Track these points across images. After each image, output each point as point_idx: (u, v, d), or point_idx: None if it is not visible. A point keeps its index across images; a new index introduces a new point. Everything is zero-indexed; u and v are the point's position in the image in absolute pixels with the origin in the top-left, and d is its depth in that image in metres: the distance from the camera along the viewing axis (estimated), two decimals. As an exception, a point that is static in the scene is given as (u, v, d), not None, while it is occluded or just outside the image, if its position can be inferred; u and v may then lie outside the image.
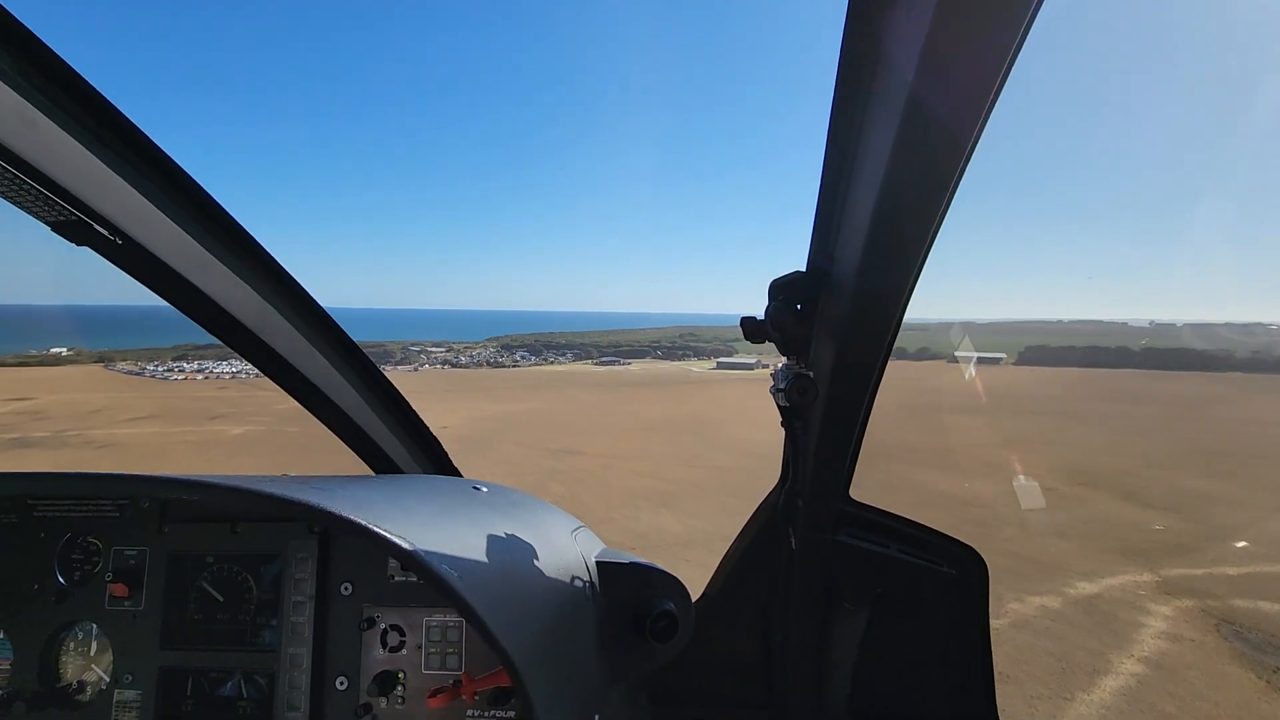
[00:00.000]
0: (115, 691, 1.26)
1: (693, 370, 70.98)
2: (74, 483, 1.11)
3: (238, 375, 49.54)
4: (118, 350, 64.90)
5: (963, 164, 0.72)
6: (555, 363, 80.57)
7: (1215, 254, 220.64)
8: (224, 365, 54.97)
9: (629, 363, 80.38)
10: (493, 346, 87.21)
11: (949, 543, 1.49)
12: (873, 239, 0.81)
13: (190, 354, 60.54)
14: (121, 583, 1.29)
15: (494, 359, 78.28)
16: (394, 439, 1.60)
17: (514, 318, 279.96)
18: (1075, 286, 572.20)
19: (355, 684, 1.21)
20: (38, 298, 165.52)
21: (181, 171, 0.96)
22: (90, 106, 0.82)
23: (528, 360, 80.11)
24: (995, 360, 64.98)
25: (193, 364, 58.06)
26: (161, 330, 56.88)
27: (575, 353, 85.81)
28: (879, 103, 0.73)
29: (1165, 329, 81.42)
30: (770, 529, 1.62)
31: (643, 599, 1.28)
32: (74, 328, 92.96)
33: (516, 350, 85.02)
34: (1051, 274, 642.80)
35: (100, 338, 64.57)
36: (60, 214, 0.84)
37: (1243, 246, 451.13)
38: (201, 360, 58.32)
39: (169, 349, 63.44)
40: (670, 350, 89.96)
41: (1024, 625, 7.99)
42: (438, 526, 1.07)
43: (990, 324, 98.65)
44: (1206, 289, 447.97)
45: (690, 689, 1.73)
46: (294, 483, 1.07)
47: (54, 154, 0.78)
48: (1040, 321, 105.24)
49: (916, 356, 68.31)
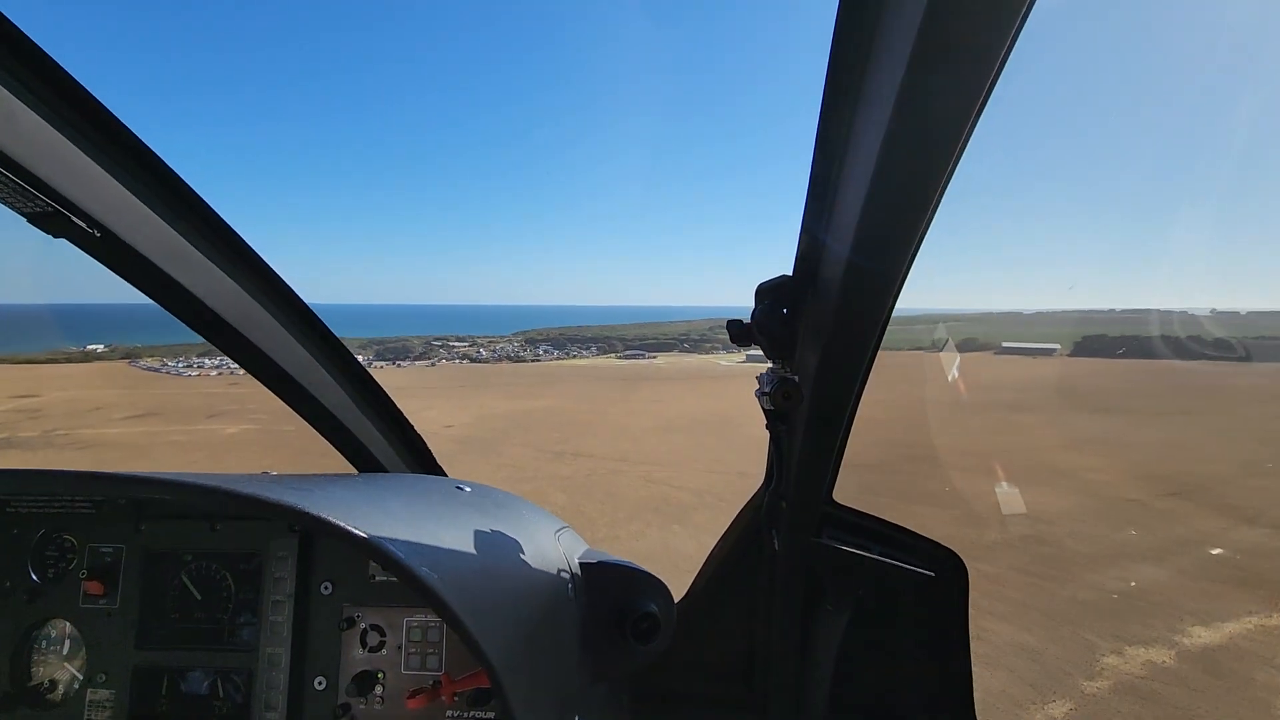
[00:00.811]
0: (88, 691, 1.26)
1: (720, 363, 68.49)
2: (45, 481, 1.12)
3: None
4: (147, 346, 66.50)
5: (951, 167, 0.73)
6: (577, 357, 79.58)
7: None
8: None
9: (654, 356, 78.84)
10: (517, 341, 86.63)
11: (929, 545, 1.50)
12: (858, 244, 0.81)
13: (213, 350, 60.60)
14: (96, 580, 1.28)
15: (516, 353, 77.66)
16: (379, 437, 1.60)
17: (544, 312, 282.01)
18: (1130, 273, 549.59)
19: (334, 684, 1.21)
20: (92, 296, 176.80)
21: (163, 164, 0.95)
22: (69, 97, 0.82)
23: (550, 355, 79.43)
24: (1049, 351, 61.59)
25: (214, 360, 58.17)
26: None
27: (599, 347, 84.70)
28: (867, 107, 0.74)
29: (1228, 318, 76.19)
30: (753, 531, 1.63)
31: (625, 600, 1.29)
32: (113, 325, 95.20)
33: (540, 344, 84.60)
34: (1102, 263, 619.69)
35: (141, 334, 65.93)
36: (37, 205, 0.83)
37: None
38: (222, 355, 58.75)
39: (196, 345, 65.38)
40: (698, 343, 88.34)
41: (1130, 689, 6.21)
42: (418, 527, 1.05)
43: (1039, 314, 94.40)
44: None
45: (672, 690, 1.77)
46: (272, 482, 1.05)
47: (30, 145, 0.78)
48: (1091, 311, 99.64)
49: (963, 348, 65.63)
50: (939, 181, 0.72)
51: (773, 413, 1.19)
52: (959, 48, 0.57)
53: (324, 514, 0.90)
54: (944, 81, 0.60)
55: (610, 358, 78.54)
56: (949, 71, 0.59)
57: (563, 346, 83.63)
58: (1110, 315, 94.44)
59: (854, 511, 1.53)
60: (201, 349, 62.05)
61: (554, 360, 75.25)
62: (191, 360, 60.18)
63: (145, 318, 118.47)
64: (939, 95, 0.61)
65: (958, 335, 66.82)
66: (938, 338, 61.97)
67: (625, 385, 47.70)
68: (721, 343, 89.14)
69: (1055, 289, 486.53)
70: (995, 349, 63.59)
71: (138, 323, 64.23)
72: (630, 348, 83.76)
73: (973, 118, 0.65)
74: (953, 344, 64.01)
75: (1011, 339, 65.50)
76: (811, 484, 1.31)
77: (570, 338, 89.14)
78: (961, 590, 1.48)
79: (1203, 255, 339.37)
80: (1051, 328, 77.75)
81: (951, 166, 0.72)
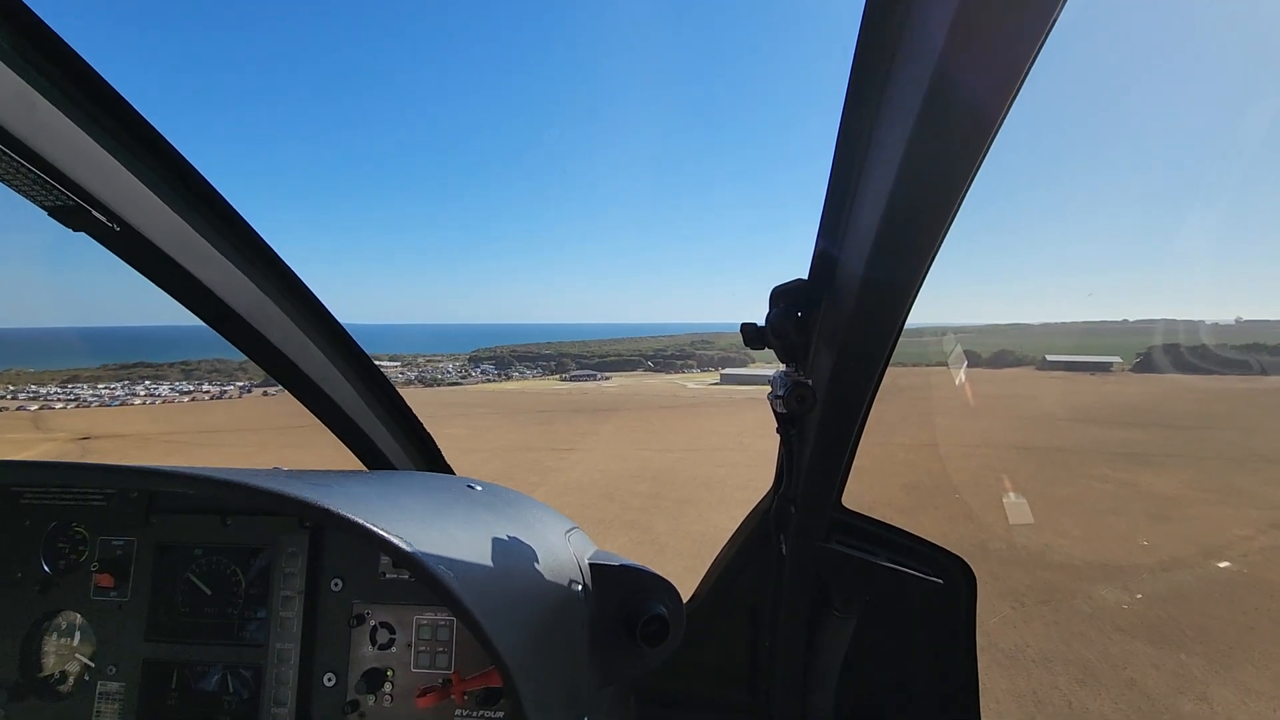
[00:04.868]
0: (98, 683, 1.26)
1: (688, 385, 55.73)
2: (60, 472, 1.16)
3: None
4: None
5: (973, 172, 0.73)
6: (513, 379, 68.78)
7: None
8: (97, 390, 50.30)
9: (608, 377, 68.05)
10: (463, 359, 77.58)
11: (938, 553, 1.49)
12: (877, 249, 0.82)
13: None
14: (107, 573, 1.28)
15: (439, 374, 67.12)
16: (388, 435, 1.61)
17: (524, 331, 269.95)
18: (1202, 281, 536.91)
19: (343, 681, 1.21)
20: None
21: (183, 159, 0.97)
22: (92, 91, 0.83)
23: (488, 376, 69.32)
24: (1105, 366, 49.29)
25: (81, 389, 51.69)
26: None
27: (544, 367, 74.91)
28: (889, 110, 0.75)
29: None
30: (761, 535, 1.63)
31: (634, 602, 1.29)
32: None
33: (482, 363, 75.11)
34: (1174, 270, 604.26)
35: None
36: (58, 199, 0.85)
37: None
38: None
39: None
40: (668, 361, 77.56)
41: None
42: (432, 525, 1.06)
43: (1092, 325, 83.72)
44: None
45: (677, 692, 1.76)
46: (287, 477, 1.07)
47: (53, 137, 0.79)
48: (1159, 320, 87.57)
49: (995, 362, 54.08)
50: (961, 187, 0.72)
51: (785, 416, 1.20)
52: (987, 53, 0.57)
53: (340, 509, 0.91)
54: (971, 86, 0.59)
55: (553, 379, 67.21)
56: (976, 75, 0.58)
57: (506, 366, 73.89)
58: (1184, 325, 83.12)
59: (863, 517, 1.49)
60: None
61: (481, 383, 64.59)
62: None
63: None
64: (965, 100, 0.61)
65: (988, 348, 54.61)
66: (965, 351, 50.50)
67: (542, 420, 34.44)
68: (698, 360, 77.71)
69: (1071, 298, 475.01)
70: (1038, 363, 51.39)
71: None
72: (584, 367, 73.06)
73: (998, 123, 0.65)
74: (984, 359, 52.62)
75: (1051, 351, 53.04)
76: (821, 489, 1.32)
77: (520, 356, 79.46)
78: (970, 599, 1.47)
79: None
80: (1108, 338, 66.00)
81: (974, 171, 0.71)
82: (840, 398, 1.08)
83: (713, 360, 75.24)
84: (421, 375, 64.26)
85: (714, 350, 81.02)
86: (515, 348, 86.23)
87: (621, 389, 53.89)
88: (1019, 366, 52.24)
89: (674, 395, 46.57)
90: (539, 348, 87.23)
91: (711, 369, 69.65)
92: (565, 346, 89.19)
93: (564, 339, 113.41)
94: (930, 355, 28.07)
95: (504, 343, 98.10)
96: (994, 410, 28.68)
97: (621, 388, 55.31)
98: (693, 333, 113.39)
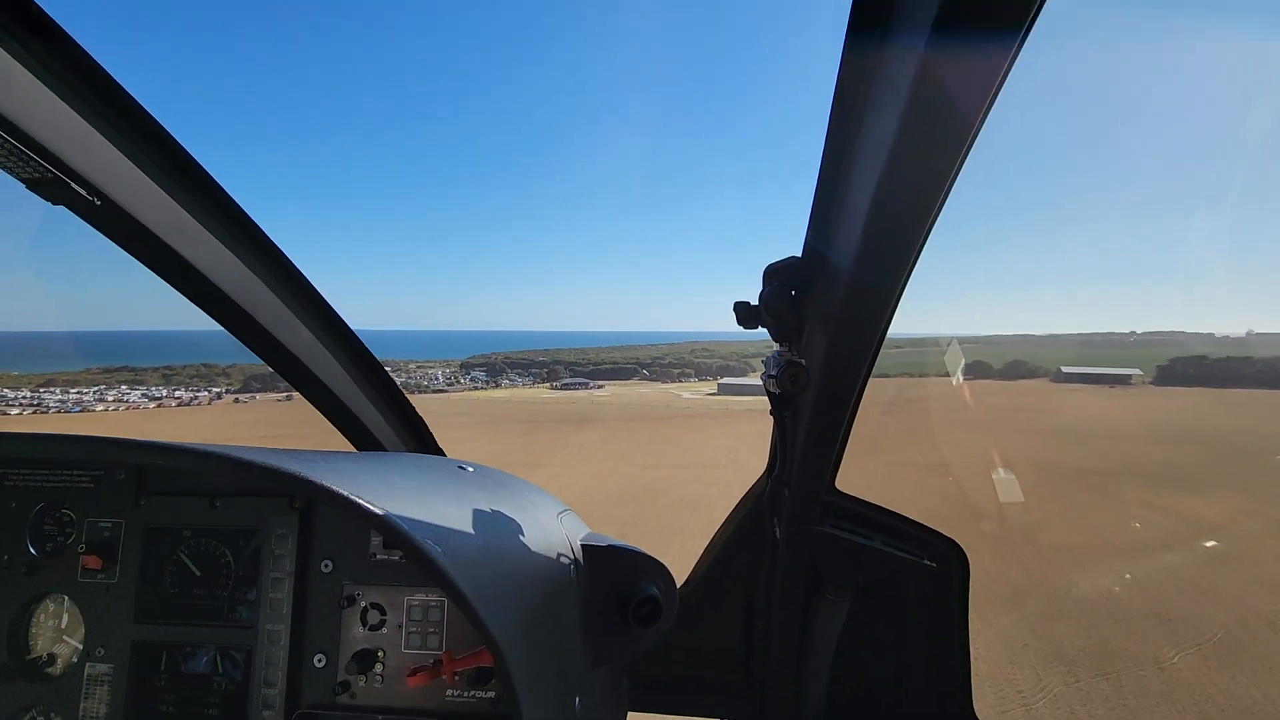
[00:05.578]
0: (87, 665, 1.25)
1: (683, 395, 53.53)
2: (46, 445, 1.13)
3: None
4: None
5: (963, 156, 0.74)
6: (503, 386, 66.87)
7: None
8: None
9: (601, 385, 66.05)
10: (454, 365, 75.68)
11: (932, 535, 1.49)
12: (870, 227, 0.82)
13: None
14: (95, 555, 1.26)
15: (426, 380, 65.47)
16: (379, 416, 1.60)
17: (525, 338, 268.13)
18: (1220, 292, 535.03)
19: (334, 661, 1.21)
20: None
21: (167, 134, 0.95)
22: (71, 61, 0.81)
23: (478, 383, 67.56)
24: (1124, 379, 46.89)
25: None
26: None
27: (536, 374, 72.74)
28: (882, 89, 0.75)
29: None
30: (755, 518, 1.62)
31: (627, 583, 1.28)
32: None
33: (473, 370, 73.06)
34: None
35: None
36: (36, 170, 0.83)
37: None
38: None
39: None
40: (666, 368, 75.34)
41: None
42: (423, 504, 1.05)
43: (1093, 337, 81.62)
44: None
45: (670, 674, 1.75)
46: (276, 453, 1.07)
47: (31, 109, 0.77)
48: (1179, 333, 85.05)
49: (1007, 373, 51.71)
50: (954, 163, 0.73)
51: (778, 397, 1.18)
52: (974, 39, 0.58)
53: (329, 484, 0.90)
54: (960, 69, 0.61)
55: (543, 387, 65.23)
56: (964, 61, 0.60)
57: (498, 373, 71.86)
58: (1207, 339, 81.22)
59: (857, 500, 1.49)
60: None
61: (468, 390, 63.02)
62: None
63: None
64: (955, 81, 0.62)
65: (998, 359, 52.28)
66: (976, 362, 48.30)
67: (523, 430, 32.33)
68: (696, 369, 75.67)
69: (1076, 309, 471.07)
70: (1052, 375, 49.02)
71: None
72: (577, 374, 71.09)
73: (985, 108, 0.66)
74: (996, 370, 50.29)
75: (1066, 363, 50.70)
76: (815, 472, 1.30)
77: (514, 363, 77.48)
78: (963, 581, 1.47)
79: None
80: (1122, 350, 64.27)
81: (965, 150, 0.72)
82: (834, 378, 1.06)
83: (712, 369, 73.29)
84: (407, 382, 62.30)
85: (714, 359, 79.11)
86: (510, 354, 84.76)
87: (612, 398, 51.95)
88: (1033, 378, 49.87)
89: (667, 405, 44.40)
90: (534, 354, 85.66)
91: (710, 378, 67.57)
92: (561, 354, 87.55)
93: (565, 346, 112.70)
94: (939, 365, 26.06)
95: (504, 349, 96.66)
96: (1008, 423, 26.63)
97: (612, 397, 53.31)
98: (694, 341, 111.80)
